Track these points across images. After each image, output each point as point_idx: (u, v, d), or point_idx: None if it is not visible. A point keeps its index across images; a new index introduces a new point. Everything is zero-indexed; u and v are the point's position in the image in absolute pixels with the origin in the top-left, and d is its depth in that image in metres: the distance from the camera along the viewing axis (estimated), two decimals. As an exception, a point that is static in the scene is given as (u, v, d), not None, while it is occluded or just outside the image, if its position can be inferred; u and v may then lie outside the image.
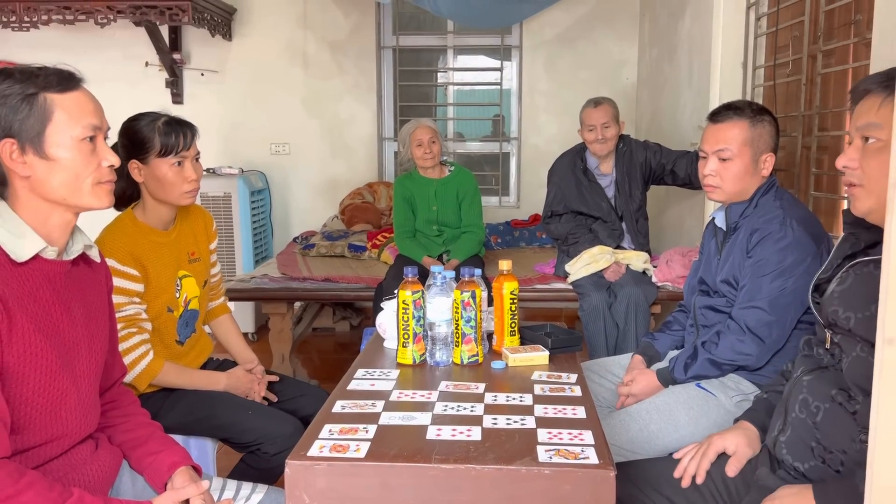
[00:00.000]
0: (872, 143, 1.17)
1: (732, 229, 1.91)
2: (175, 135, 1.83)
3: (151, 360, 1.83)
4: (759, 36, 2.95)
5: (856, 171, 1.20)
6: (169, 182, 1.84)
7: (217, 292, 2.20)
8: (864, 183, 1.19)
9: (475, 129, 5.37)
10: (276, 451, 1.83)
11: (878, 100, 1.17)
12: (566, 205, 3.34)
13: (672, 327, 2.08)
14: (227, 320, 2.22)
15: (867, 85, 1.20)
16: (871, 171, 1.18)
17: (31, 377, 1.20)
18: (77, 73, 1.26)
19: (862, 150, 1.19)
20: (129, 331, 1.80)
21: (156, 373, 1.85)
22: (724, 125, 1.86)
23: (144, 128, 1.83)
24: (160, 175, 1.83)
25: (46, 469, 1.25)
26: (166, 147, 1.82)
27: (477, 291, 1.72)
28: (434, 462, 1.20)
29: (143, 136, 1.82)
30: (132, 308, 1.81)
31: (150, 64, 4.77)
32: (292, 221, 4.99)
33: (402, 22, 5.06)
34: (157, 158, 1.82)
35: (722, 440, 1.45)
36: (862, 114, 1.20)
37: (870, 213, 1.20)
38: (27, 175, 1.22)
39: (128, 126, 1.85)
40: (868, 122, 1.18)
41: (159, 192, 1.86)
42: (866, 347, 1.19)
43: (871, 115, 1.18)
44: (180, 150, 1.84)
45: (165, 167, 1.83)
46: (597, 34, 4.83)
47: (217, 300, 2.21)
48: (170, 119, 1.86)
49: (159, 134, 1.82)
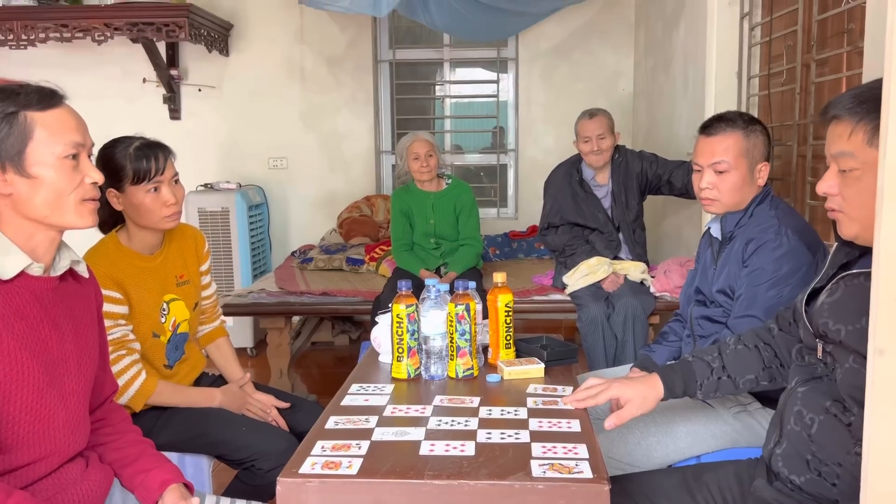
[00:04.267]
0: (849, 172, 1.15)
1: (728, 239, 1.90)
2: (146, 160, 1.78)
3: (145, 380, 1.82)
4: (753, 46, 2.96)
5: (836, 198, 1.19)
6: (146, 209, 1.80)
7: (212, 315, 2.18)
8: (845, 210, 1.18)
9: (473, 142, 5.38)
10: (270, 467, 1.81)
11: (849, 127, 1.15)
12: (563, 216, 3.34)
13: (669, 338, 2.07)
14: (224, 344, 2.18)
15: (836, 111, 1.17)
16: (850, 199, 1.17)
17: (17, 395, 1.19)
18: (59, 91, 1.25)
19: (839, 177, 1.18)
20: (119, 353, 1.78)
21: (150, 392, 1.83)
22: (717, 137, 1.85)
23: (117, 154, 1.78)
24: (137, 202, 1.79)
25: (35, 489, 1.24)
26: (139, 174, 1.77)
27: (471, 304, 1.71)
28: (427, 478, 1.19)
29: (116, 163, 1.77)
30: (119, 331, 1.79)
31: (147, 80, 4.79)
32: (290, 235, 4.98)
33: (399, 36, 5.08)
34: (132, 186, 1.78)
35: (620, 390, 1.45)
36: (834, 140, 1.18)
37: (857, 237, 1.20)
38: (8, 193, 1.21)
39: (102, 154, 1.80)
40: (840, 151, 1.16)
41: (140, 219, 1.82)
42: (858, 359, 1.18)
43: (842, 144, 1.16)
44: (154, 175, 1.79)
45: (141, 194, 1.78)
46: (592, 45, 4.85)
47: (213, 323, 2.18)
48: (142, 143, 1.81)
49: (130, 161, 1.77)
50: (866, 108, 1.12)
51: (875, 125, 1.11)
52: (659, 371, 1.51)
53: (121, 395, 1.79)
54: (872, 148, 1.11)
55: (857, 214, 1.16)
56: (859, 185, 1.14)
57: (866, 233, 1.17)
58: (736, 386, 1.50)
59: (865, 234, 1.17)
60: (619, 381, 1.50)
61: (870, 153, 1.11)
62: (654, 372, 1.51)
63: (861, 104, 1.13)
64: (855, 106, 1.14)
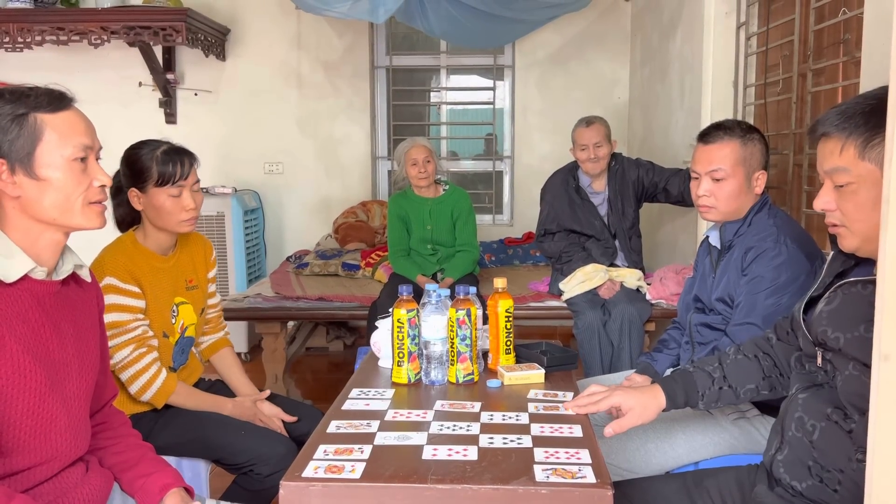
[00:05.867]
0: (844, 186, 1.17)
1: (727, 248, 1.91)
2: (173, 164, 1.83)
3: (166, 379, 1.85)
4: (749, 55, 2.98)
5: (835, 213, 1.20)
6: (166, 211, 1.84)
7: (216, 325, 2.18)
8: (845, 224, 1.19)
9: (469, 148, 5.40)
10: (268, 472, 1.81)
11: (839, 143, 1.16)
12: (559, 223, 3.35)
13: (669, 346, 2.08)
14: (228, 354, 2.18)
15: (825, 128, 1.19)
16: (849, 213, 1.18)
17: (20, 399, 1.18)
18: (68, 93, 1.26)
19: (835, 192, 1.19)
20: (140, 351, 1.81)
21: (171, 391, 1.86)
22: (715, 145, 1.86)
23: (144, 157, 1.83)
24: (158, 204, 1.83)
25: (36, 493, 1.23)
26: (163, 177, 1.82)
27: (472, 309, 1.71)
28: (430, 482, 1.19)
29: (142, 165, 1.83)
30: (139, 327, 1.81)
31: (143, 84, 4.78)
32: (286, 240, 4.98)
33: (396, 42, 5.10)
34: (155, 188, 1.83)
35: (622, 398, 1.46)
36: (825, 157, 1.19)
37: (858, 250, 1.21)
38: (17, 195, 1.21)
39: (128, 154, 1.86)
40: (834, 167, 1.17)
41: (158, 220, 1.86)
42: (858, 366, 1.19)
43: (835, 160, 1.17)
44: (178, 179, 1.84)
45: (163, 196, 1.83)
46: (589, 54, 4.88)
47: (217, 333, 2.18)
48: (169, 148, 1.86)
49: (157, 163, 1.82)
50: (854, 122, 1.14)
51: (865, 138, 1.13)
52: (660, 382, 1.51)
53: (143, 393, 1.83)
54: (865, 161, 1.13)
55: (858, 228, 1.18)
56: (856, 198, 1.16)
57: (867, 245, 1.18)
58: (737, 396, 1.50)
59: (866, 247, 1.19)
60: (622, 389, 1.50)
61: (863, 166, 1.14)
62: (656, 382, 1.52)
63: (848, 119, 1.15)
64: (843, 122, 1.16)
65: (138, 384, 1.82)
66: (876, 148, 1.12)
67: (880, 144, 1.11)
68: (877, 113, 1.13)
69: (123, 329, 1.79)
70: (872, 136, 1.12)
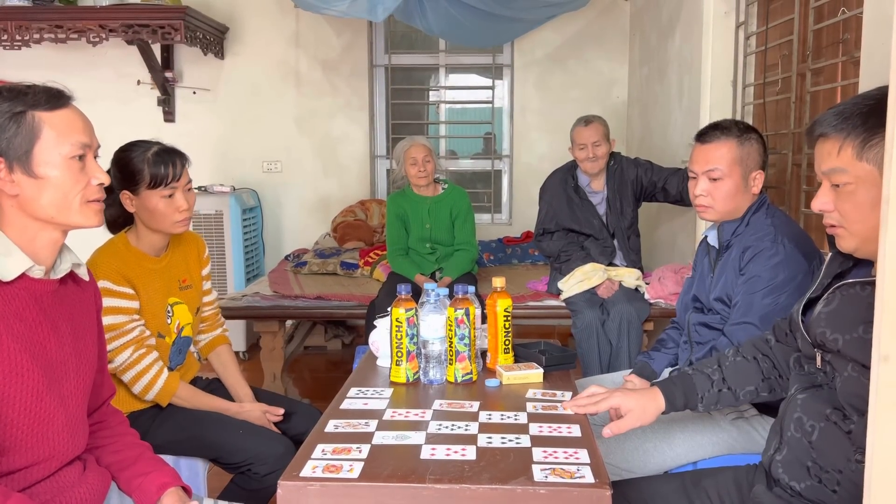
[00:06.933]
0: (842, 187, 1.17)
1: (725, 247, 1.91)
2: (165, 166, 1.81)
3: (168, 378, 1.85)
4: (748, 55, 2.98)
5: (833, 214, 1.20)
6: (160, 213, 1.83)
7: (213, 323, 2.18)
8: (843, 224, 1.19)
9: (467, 147, 5.39)
10: (266, 471, 1.81)
11: (837, 144, 1.16)
12: (558, 222, 3.35)
13: (667, 345, 2.08)
14: (226, 351, 2.17)
15: (822, 129, 1.19)
16: (847, 214, 1.18)
17: (17, 398, 1.18)
18: (66, 91, 1.25)
19: (833, 193, 1.19)
20: (140, 352, 1.81)
21: (174, 390, 1.87)
22: (712, 145, 1.87)
23: (135, 159, 1.81)
24: (151, 206, 1.82)
25: (33, 492, 1.23)
26: (156, 179, 1.81)
27: (471, 309, 1.71)
28: (429, 482, 1.19)
29: (134, 167, 1.81)
30: (136, 328, 1.81)
31: (142, 82, 4.77)
32: (284, 239, 4.97)
33: (395, 41, 5.09)
34: (148, 190, 1.81)
35: (622, 400, 1.46)
36: (823, 158, 1.19)
37: (856, 251, 1.21)
38: (15, 193, 1.21)
39: (119, 157, 1.84)
40: (832, 168, 1.17)
41: (151, 222, 1.85)
42: (857, 367, 1.19)
43: (832, 161, 1.17)
44: (170, 181, 1.82)
45: (156, 198, 1.82)
46: (587, 53, 4.87)
47: (215, 331, 2.18)
48: (160, 149, 1.84)
49: (149, 166, 1.80)
50: (851, 123, 1.15)
51: (863, 139, 1.13)
52: (659, 385, 1.52)
53: (146, 393, 1.83)
54: (863, 162, 1.13)
55: (856, 228, 1.18)
56: (854, 199, 1.16)
57: (865, 245, 1.18)
58: (736, 398, 1.51)
59: (864, 247, 1.19)
60: (622, 390, 1.51)
61: (861, 167, 1.14)
62: (655, 385, 1.52)
63: (846, 120, 1.15)
64: (840, 123, 1.16)
65: (141, 385, 1.82)
66: (874, 148, 1.12)
67: (878, 145, 1.11)
68: (875, 113, 1.13)
69: (121, 331, 1.79)
70: (870, 137, 1.12)
